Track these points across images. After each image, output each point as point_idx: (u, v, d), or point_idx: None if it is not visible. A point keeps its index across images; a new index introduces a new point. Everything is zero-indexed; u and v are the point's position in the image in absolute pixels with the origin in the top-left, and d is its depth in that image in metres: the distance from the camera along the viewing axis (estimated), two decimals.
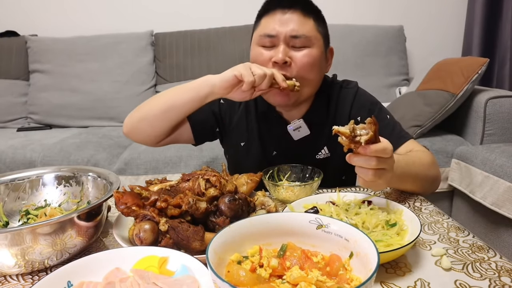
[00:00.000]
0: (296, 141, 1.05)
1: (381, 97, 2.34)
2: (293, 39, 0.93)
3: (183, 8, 2.67)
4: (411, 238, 0.63)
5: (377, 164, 0.68)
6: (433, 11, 2.70)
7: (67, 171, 0.85)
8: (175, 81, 2.47)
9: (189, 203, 0.66)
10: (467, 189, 1.69)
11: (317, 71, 0.97)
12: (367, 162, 0.68)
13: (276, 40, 0.94)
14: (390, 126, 1.02)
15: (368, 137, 0.65)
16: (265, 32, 0.95)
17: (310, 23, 0.95)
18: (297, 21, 0.93)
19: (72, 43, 2.46)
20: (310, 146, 1.06)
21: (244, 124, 1.10)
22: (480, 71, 1.78)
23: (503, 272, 0.60)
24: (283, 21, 0.93)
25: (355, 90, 1.06)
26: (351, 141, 0.67)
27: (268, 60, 0.94)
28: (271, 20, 0.95)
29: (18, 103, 2.48)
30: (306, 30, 0.93)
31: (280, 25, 0.93)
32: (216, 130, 1.13)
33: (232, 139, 1.13)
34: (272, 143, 1.08)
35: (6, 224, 0.78)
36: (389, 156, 0.69)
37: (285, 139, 1.05)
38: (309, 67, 0.94)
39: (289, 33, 0.92)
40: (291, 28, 0.93)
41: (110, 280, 0.55)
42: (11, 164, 1.86)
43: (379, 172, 0.70)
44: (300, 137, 1.04)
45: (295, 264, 0.51)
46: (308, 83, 0.96)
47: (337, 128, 0.66)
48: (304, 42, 0.93)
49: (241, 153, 1.11)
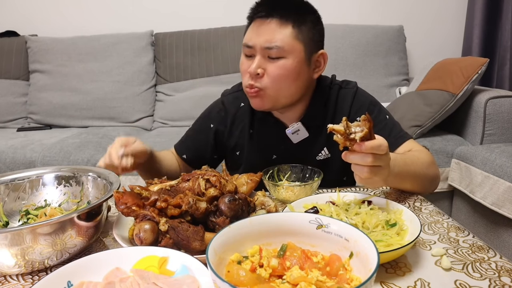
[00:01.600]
0: (296, 143, 1.05)
1: (381, 97, 2.33)
2: (267, 50, 0.92)
3: (183, 8, 2.67)
4: (411, 238, 0.63)
5: (373, 161, 0.68)
6: (433, 11, 2.70)
7: (67, 171, 0.85)
8: (175, 81, 2.47)
9: (189, 203, 0.66)
10: (467, 189, 1.69)
11: (291, 81, 0.94)
12: (362, 159, 0.68)
13: (254, 51, 0.93)
14: (389, 126, 1.02)
15: (363, 134, 0.66)
16: (244, 42, 0.95)
17: (287, 32, 0.92)
18: (273, 31, 0.91)
19: (72, 43, 2.46)
20: (310, 148, 1.06)
21: (237, 134, 1.10)
22: (480, 71, 1.78)
23: (503, 272, 0.60)
24: (259, 32, 0.93)
25: (355, 90, 1.06)
26: (346, 138, 0.67)
27: (246, 71, 0.95)
28: (251, 29, 0.95)
29: (18, 103, 2.48)
30: (280, 41, 0.91)
31: (256, 36, 0.93)
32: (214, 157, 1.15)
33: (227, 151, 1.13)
34: (271, 147, 1.08)
35: (6, 224, 0.78)
36: (384, 153, 0.69)
37: (285, 143, 1.05)
38: (282, 79, 0.93)
39: (263, 44, 0.92)
40: (264, 39, 0.91)
41: (110, 280, 0.55)
42: (11, 164, 1.86)
43: (375, 169, 0.70)
44: (299, 140, 1.04)
45: (295, 264, 0.51)
46: (283, 93, 0.96)
47: (332, 126, 0.67)
48: (279, 53, 0.92)
49: (238, 162, 1.12)
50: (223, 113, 1.11)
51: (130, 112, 2.43)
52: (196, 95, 2.40)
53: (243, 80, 0.98)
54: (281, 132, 1.04)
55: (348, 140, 0.67)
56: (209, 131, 1.11)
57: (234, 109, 1.10)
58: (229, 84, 2.25)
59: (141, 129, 2.43)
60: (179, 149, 1.15)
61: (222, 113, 1.11)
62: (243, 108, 1.09)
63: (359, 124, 0.67)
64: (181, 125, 2.38)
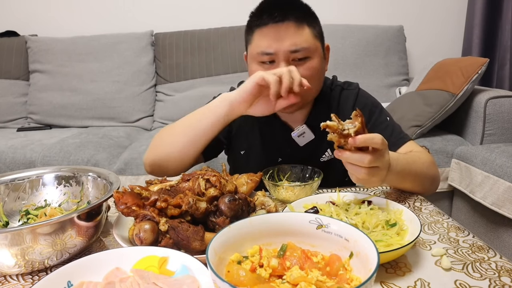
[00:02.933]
0: (302, 146, 1.04)
1: (381, 97, 2.33)
2: (292, 54, 0.90)
3: (183, 8, 2.67)
4: (411, 238, 0.63)
5: (371, 162, 0.68)
6: (433, 11, 2.70)
7: (67, 171, 0.85)
8: (175, 81, 2.47)
9: (189, 203, 0.66)
10: (467, 189, 1.69)
11: (318, 78, 0.97)
12: (360, 159, 0.68)
13: (275, 57, 0.91)
14: (390, 128, 1.02)
15: (356, 128, 0.66)
16: (261, 50, 0.92)
17: (306, 32, 0.92)
18: (293, 33, 0.90)
19: (72, 43, 2.46)
20: (314, 150, 1.06)
21: (244, 132, 1.09)
22: (480, 71, 1.78)
23: (503, 272, 0.60)
24: (278, 37, 0.90)
25: (357, 91, 1.07)
26: (340, 135, 0.67)
27: None
28: (265, 35, 0.91)
29: (18, 103, 2.48)
30: (305, 42, 0.90)
31: (276, 41, 0.90)
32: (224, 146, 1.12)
33: (233, 147, 1.12)
34: (276, 150, 1.08)
35: (6, 224, 0.78)
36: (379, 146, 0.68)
37: (290, 145, 1.05)
38: (312, 79, 0.93)
39: (287, 48, 0.90)
40: (290, 43, 0.90)
41: (110, 280, 0.55)
42: (11, 164, 1.86)
43: (373, 170, 0.70)
44: (305, 143, 1.03)
45: (295, 264, 0.51)
46: (312, 93, 0.97)
47: (325, 123, 0.67)
48: (305, 54, 0.91)
49: (241, 160, 1.11)
50: None
51: (130, 112, 2.43)
52: (196, 95, 2.40)
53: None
54: (287, 135, 1.03)
55: (342, 137, 0.67)
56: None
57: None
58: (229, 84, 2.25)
59: (141, 129, 2.43)
60: None
61: None
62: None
63: (351, 121, 0.68)
64: None
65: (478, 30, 2.53)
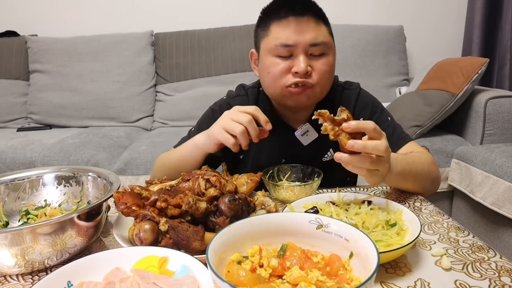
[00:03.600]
0: (305, 146, 1.04)
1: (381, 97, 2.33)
2: (311, 47, 0.91)
3: (183, 8, 2.67)
4: (411, 238, 0.63)
5: (371, 165, 0.70)
6: (433, 11, 2.71)
7: (67, 171, 0.85)
8: (175, 81, 2.47)
9: (189, 203, 0.66)
10: (467, 189, 1.69)
11: (332, 76, 0.98)
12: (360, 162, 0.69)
13: (294, 49, 0.91)
14: (391, 128, 1.02)
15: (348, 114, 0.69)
16: (281, 42, 0.91)
17: (324, 28, 0.94)
18: (314, 28, 0.91)
19: (72, 43, 2.46)
20: (317, 150, 1.05)
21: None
22: (480, 71, 1.78)
23: (503, 272, 0.60)
24: (300, 29, 0.90)
25: (358, 91, 1.06)
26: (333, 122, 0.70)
27: (287, 71, 0.92)
28: (285, 28, 0.91)
29: (18, 103, 2.48)
30: (324, 37, 0.92)
31: (297, 34, 0.90)
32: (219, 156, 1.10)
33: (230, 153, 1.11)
34: (280, 151, 1.07)
35: (6, 224, 0.78)
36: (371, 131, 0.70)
37: (293, 145, 1.04)
38: (328, 74, 0.94)
39: (308, 41, 0.90)
40: (311, 36, 0.90)
41: (110, 280, 0.55)
42: (11, 164, 1.86)
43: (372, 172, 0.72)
44: (309, 142, 1.03)
45: (295, 264, 0.51)
46: (324, 88, 0.97)
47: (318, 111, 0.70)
48: (323, 49, 0.92)
49: (240, 165, 1.10)
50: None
51: (130, 112, 2.43)
52: (196, 95, 2.40)
53: (280, 82, 0.94)
54: (290, 136, 1.03)
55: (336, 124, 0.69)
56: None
57: None
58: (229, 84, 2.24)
59: (141, 129, 2.43)
60: None
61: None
62: None
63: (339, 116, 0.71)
64: (181, 125, 2.39)
65: (478, 30, 2.53)
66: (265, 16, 0.97)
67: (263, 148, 1.07)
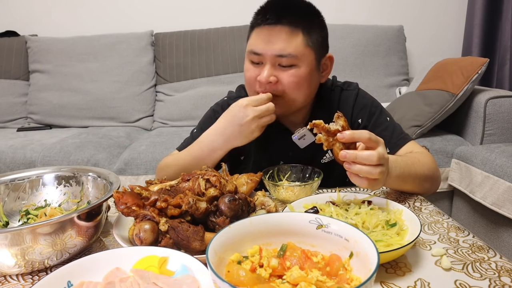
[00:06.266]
0: (303, 149, 1.04)
1: (381, 97, 2.33)
2: (278, 58, 0.90)
3: (183, 8, 2.67)
4: (411, 238, 0.63)
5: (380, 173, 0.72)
6: (433, 11, 2.70)
7: (67, 171, 0.85)
8: (175, 81, 2.47)
9: (189, 203, 0.66)
10: (467, 189, 1.69)
11: (305, 88, 0.95)
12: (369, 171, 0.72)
13: (262, 58, 0.92)
14: (391, 128, 1.02)
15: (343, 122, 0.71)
16: (251, 49, 0.93)
17: (298, 39, 0.91)
18: (284, 39, 0.90)
19: (72, 43, 2.46)
20: (315, 152, 1.05)
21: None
22: (480, 71, 1.78)
23: (503, 272, 0.60)
24: (268, 39, 0.90)
25: (356, 92, 1.06)
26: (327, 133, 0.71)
27: (254, 78, 0.94)
28: (258, 36, 0.92)
29: (18, 103, 2.48)
30: (293, 49, 0.90)
31: (265, 44, 0.90)
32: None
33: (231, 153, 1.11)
34: (278, 154, 1.07)
35: (6, 224, 0.78)
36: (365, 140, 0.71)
37: (291, 148, 1.04)
38: (296, 86, 0.93)
39: (274, 52, 0.90)
40: (277, 48, 0.89)
41: (110, 280, 0.55)
42: (11, 164, 1.86)
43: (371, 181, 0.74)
44: (306, 145, 1.03)
45: (295, 264, 0.51)
46: (298, 100, 0.96)
47: (313, 121, 0.71)
48: (291, 61, 0.91)
49: (240, 166, 1.10)
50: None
51: (130, 112, 2.43)
52: (196, 95, 2.40)
53: (251, 87, 0.96)
54: (288, 139, 1.03)
55: (330, 135, 0.71)
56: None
57: None
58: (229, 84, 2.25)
59: (141, 129, 2.43)
60: None
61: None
62: None
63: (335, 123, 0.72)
64: (181, 125, 2.39)
65: (478, 30, 2.53)
66: (252, 20, 0.97)
67: (263, 150, 1.07)
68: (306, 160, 1.03)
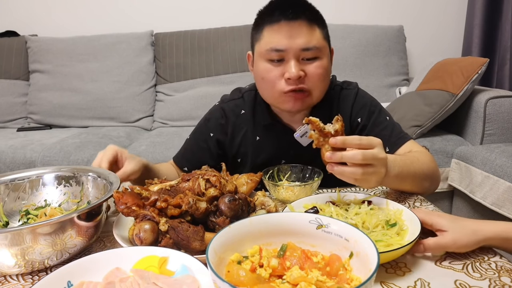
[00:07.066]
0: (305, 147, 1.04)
1: (381, 97, 2.33)
2: (303, 52, 0.91)
3: (183, 8, 2.67)
4: (411, 238, 0.63)
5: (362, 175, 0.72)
6: (433, 11, 2.70)
7: (67, 171, 0.85)
8: (175, 81, 2.47)
9: (189, 203, 0.66)
10: (467, 189, 1.69)
11: (327, 79, 0.98)
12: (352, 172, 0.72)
13: (285, 54, 0.91)
14: (390, 127, 1.02)
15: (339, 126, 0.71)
16: (272, 46, 0.91)
17: (317, 32, 0.93)
18: (306, 32, 0.91)
19: (72, 43, 2.46)
20: (317, 150, 1.05)
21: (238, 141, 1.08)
22: (480, 71, 1.78)
23: (503, 272, 0.60)
24: (291, 34, 0.90)
25: (356, 91, 1.06)
26: (320, 133, 0.71)
27: (280, 77, 0.93)
28: (276, 32, 0.91)
29: (18, 103, 2.48)
30: (316, 41, 0.91)
31: (288, 38, 0.90)
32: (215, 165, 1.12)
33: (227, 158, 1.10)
34: (280, 153, 1.07)
35: (6, 224, 0.78)
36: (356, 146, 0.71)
37: (293, 147, 1.04)
38: (322, 78, 0.94)
39: (299, 46, 0.90)
40: (302, 41, 0.90)
41: (110, 280, 0.55)
42: (11, 164, 1.86)
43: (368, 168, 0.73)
44: (308, 143, 1.03)
45: (295, 264, 0.51)
46: (320, 91, 0.97)
47: (309, 117, 0.72)
48: (315, 54, 0.92)
49: (238, 168, 1.10)
50: (223, 120, 1.08)
51: (130, 112, 2.44)
52: (196, 95, 2.40)
53: (275, 87, 0.94)
54: (290, 138, 1.03)
55: (323, 136, 0.72)
56: (210, 141, 1.09)
57: (234, 116, 1.08)
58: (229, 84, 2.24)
59: (141, 129, 2.43)
60: (179, 162, 1.13)
61: (222, 120, 1.08)
62: (244, 115, 1.07)
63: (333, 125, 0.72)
64: (181, 125, 2.39)
65: (478, 30, 2.53)
66: (259, 19, 0.97)
67: (262, 149, 1.07)
68: (307, 158, 1.03)
